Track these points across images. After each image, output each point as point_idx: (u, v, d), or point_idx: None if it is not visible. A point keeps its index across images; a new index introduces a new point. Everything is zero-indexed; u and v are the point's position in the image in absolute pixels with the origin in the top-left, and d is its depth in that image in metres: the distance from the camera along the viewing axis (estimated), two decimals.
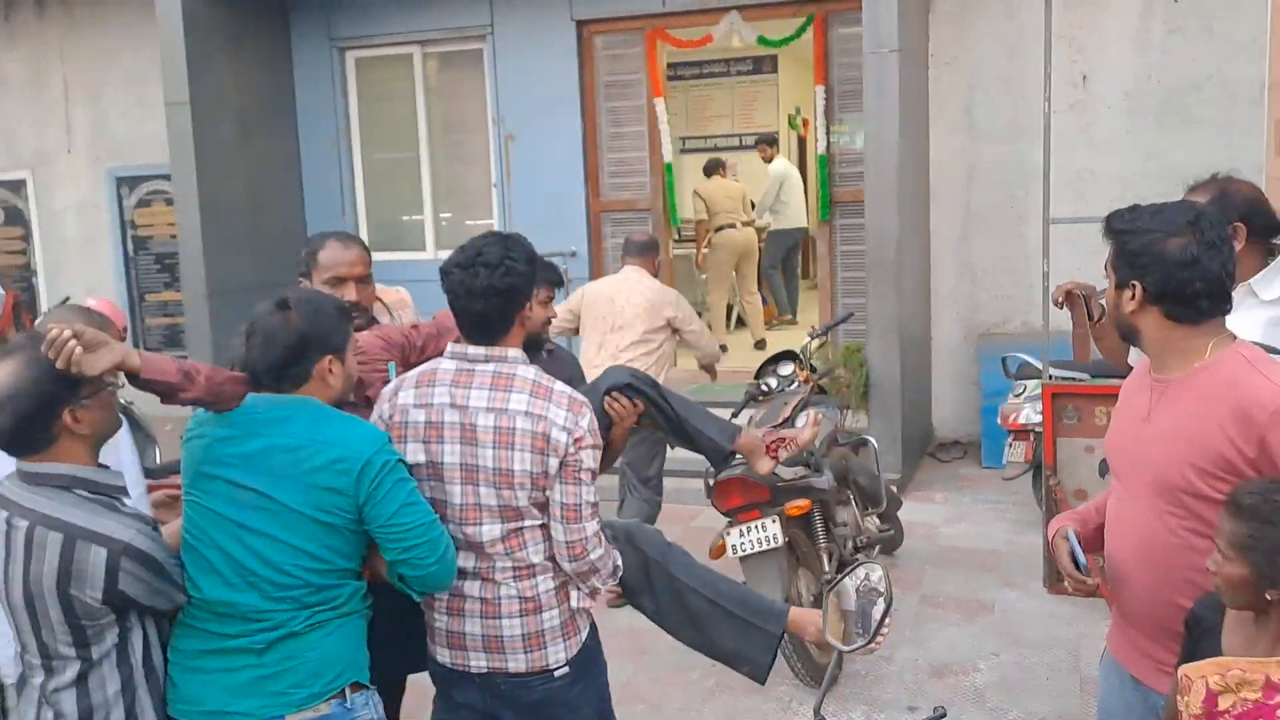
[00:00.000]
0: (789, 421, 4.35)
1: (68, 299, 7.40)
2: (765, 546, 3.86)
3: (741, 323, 9.33)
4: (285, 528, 2.13)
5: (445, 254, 2.37)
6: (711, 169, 9.05)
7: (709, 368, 5.63)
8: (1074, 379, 5.03)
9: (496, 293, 2.27)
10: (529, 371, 2.34)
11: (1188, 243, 1.96)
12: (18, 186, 9.02)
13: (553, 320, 3.08)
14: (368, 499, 2.15)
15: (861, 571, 1.88)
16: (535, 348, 3.06)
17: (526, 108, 7.61)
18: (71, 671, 2.07)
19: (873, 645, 1.87)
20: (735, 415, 4.77)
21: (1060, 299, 2.99)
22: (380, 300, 3.11)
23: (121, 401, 5.31)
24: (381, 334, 2.79)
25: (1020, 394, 5.55)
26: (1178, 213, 2.01)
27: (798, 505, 3.94)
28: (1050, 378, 4.90)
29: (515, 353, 2.35)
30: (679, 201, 7.50)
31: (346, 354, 2.32)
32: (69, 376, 1.99)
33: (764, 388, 4.73)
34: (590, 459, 2.31)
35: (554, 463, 2.27)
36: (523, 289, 2.33)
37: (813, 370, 4.88)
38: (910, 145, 6.22)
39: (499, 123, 7.75)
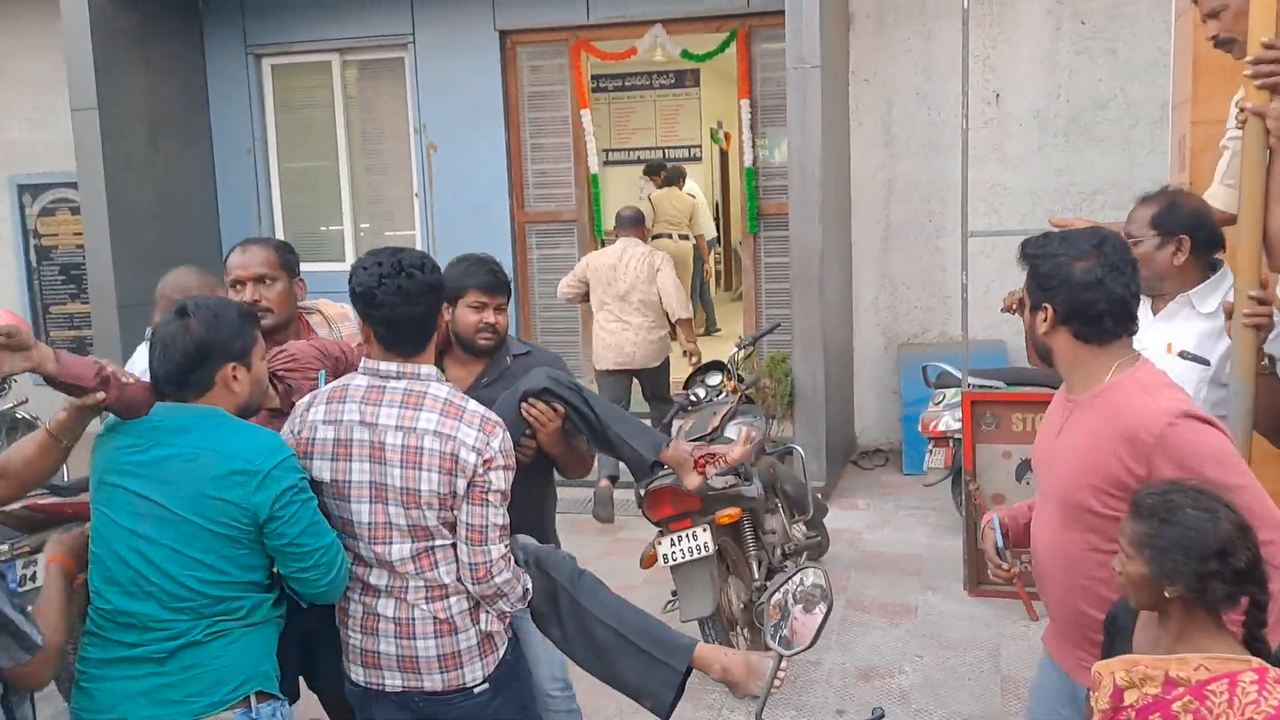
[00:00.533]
0: (718, 430, 4.39)
1: None
2: (696, 555, 3.86)
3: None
4: (181, 538, 2.11)
5: None
6: (672, 179, 9.36)
7: (689, 344, 6.17)
8: (992, 387, 5.19)
9: (432, 289, 2.29)
10: (441, 389, 2.31)
11: (1092, 265, 2.06)
12: None
13: (488, 325, 2.87)
14: (271, 517, 2.12)
15: (799, 576, 1.90)
16: (477, 352, 2.92)
17: (449, 117, 7.53)
18: None
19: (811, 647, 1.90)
20: (666, 423, 4.79)
21: (1015, 306, 2.99)
22: (321, 312, 3.08)
23: (27, 416, 5.07)
24: (318, 344, 2.73)
25: (940, 402, 5.68)
26: (1084, 238, 2.11)
27: (728, 514, 3.96)
28: (969, 386, 5.03)
29: (428, 369, 2.33)
30: (605, 213, 7.50)
31: (251, 359, 2.27)
32: None
33: (693, 398, 4.76)
34: (500, 480, 2.28)
35: (461, 483, 2.23)
36: (444, 286, 2.39)
37: (740, 380, 4.92)
38: (832, 160, 6.34)
39: (420, 132, 7.66)
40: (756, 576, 4.21)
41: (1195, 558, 1.81)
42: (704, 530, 3.88)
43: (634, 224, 6.15)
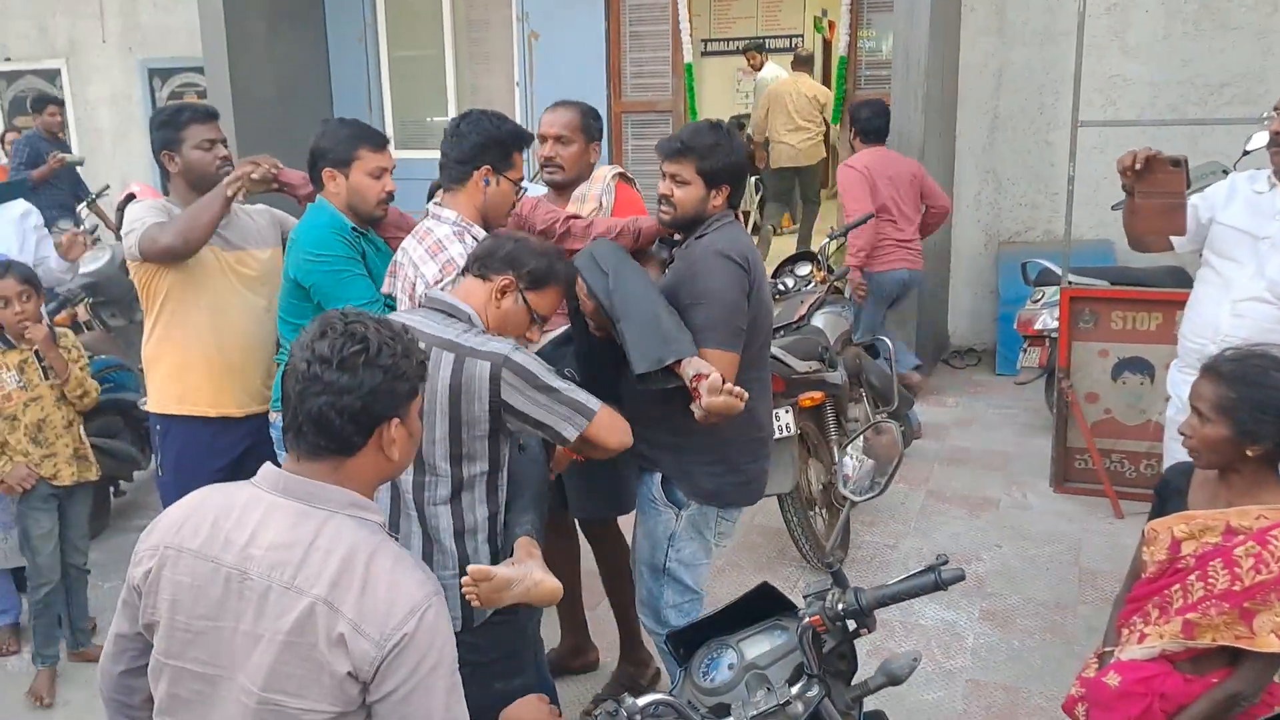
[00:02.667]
0: (804, 319, 4.45)
1: (107, 187, 7.51)
2: (779, 435, 3.96)
3: (757, 230, 9.38)
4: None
5: None
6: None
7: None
8: (1093, 285, 5.09)
9: (466, 138, 2.75)
10: (436, 225, 2.70)
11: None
12: (53, 76, 9.07)
13: (661, 196, 2.72)
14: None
15: (874, 428, 2.01)
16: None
17: (551, 4, 7.52)
18: (445, 489, 2.25)
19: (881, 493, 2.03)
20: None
21: (1138, 165, 2.72)
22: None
23: None
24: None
25: (1039, 300, 5.60)
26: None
27: (811, 397, 4.04)
28: (1069, 283, 4.95)
29: (449, 213, 2.71)
30: (699, 104, 7.45)
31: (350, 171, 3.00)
32: None
33: (780, 287, 4.80)
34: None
35: (405, 288, 2.68)
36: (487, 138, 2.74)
37: (830, 271, 4.94)
38: (940, 47, 6.14)
39: (523, 20, 7.68)
40: (837, 460, 4.32)
41: None
42: (786, 412, 3.97)
43: (806, 62, 8.94)
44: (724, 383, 2.38)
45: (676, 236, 2.95)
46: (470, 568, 2.16)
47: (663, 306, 2.54)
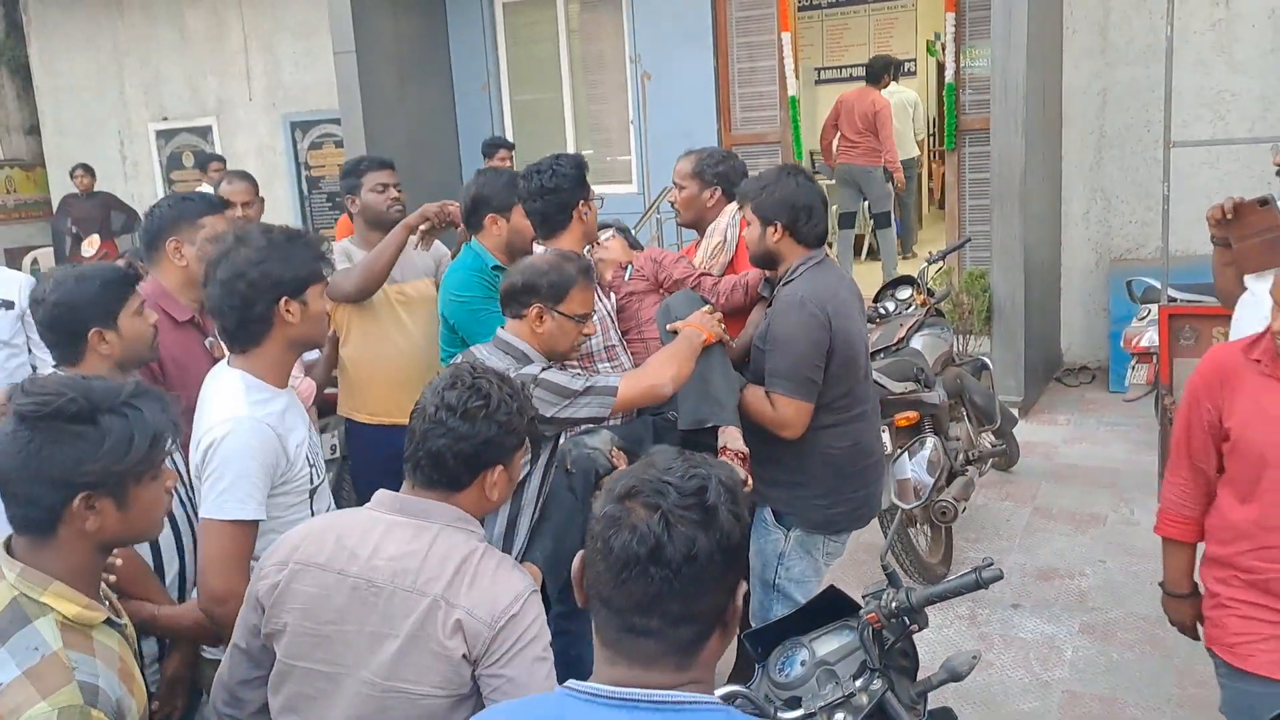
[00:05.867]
0: (904, 341, 4.62)
1: None
2: None
3: (873, 254, 9.44)
4: None
5: None
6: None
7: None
8: (1197, 302, 5.09)
9: (552, 191, 3.06)
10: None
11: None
12: (205, 132, 9.93)
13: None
14: None
15: (918, 445, 2.22)
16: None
17: (662, 46, 7.88)
18: None
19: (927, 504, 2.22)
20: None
21: (1227, 214, 2.80)
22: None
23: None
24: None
25: (1145, 317, 5.60)
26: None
27: (906, 416, 4.20)
28: (1170, 300, 4.97)
29: (540, 250, 3.04)
30: (803, 134, 7.67)
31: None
32: None
33: (881, 310, 4.98)
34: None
35: None
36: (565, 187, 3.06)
37: (930, 294, 5.09)
38: (1041, 70, 6.21)
39: (636, 61, 8.06)
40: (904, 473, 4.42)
41: None
42: (883, 431, 4.17)
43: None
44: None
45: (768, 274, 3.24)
46: None
47: (718, 369, 2.77)
